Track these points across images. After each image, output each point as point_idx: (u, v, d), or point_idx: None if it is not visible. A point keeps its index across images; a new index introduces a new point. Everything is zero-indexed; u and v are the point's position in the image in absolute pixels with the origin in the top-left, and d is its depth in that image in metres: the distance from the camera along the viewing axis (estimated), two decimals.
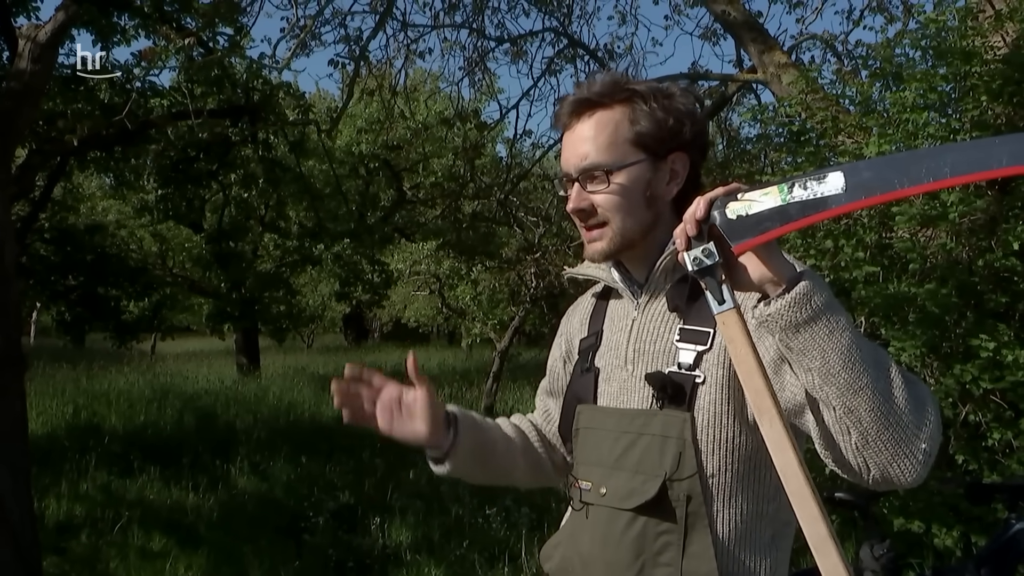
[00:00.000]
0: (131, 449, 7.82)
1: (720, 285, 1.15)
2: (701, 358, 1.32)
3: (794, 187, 1.11)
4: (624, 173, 1.37)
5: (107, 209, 16.33)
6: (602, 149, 1.37)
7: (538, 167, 10.96)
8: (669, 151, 1.39)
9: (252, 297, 15.25)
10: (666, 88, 1.43)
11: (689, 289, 1.36)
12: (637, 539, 1.31)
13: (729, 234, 1.14)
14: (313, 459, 7.88)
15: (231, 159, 10.72)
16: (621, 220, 1.38)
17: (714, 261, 1.15)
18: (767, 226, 1.12)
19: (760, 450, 1.30)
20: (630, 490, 1.32)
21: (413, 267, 16.02)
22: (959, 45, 4.05)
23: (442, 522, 6.03)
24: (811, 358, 1.12)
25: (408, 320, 25.47)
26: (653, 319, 1.41)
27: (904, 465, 1.13)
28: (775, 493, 1.33)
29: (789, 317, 1.11)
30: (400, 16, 8.49)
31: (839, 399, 1.11)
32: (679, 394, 1.31)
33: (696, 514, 1.29)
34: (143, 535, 5.67)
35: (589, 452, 1.43)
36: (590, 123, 1.38)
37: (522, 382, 14.45)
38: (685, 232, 1.17)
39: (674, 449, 1.30)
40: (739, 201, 1.14)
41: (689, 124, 1.41)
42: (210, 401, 11.44)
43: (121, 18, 7.47)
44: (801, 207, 1.11)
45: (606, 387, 1.44)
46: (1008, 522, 2.93)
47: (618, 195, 1.37)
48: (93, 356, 17.08)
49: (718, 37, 8.97)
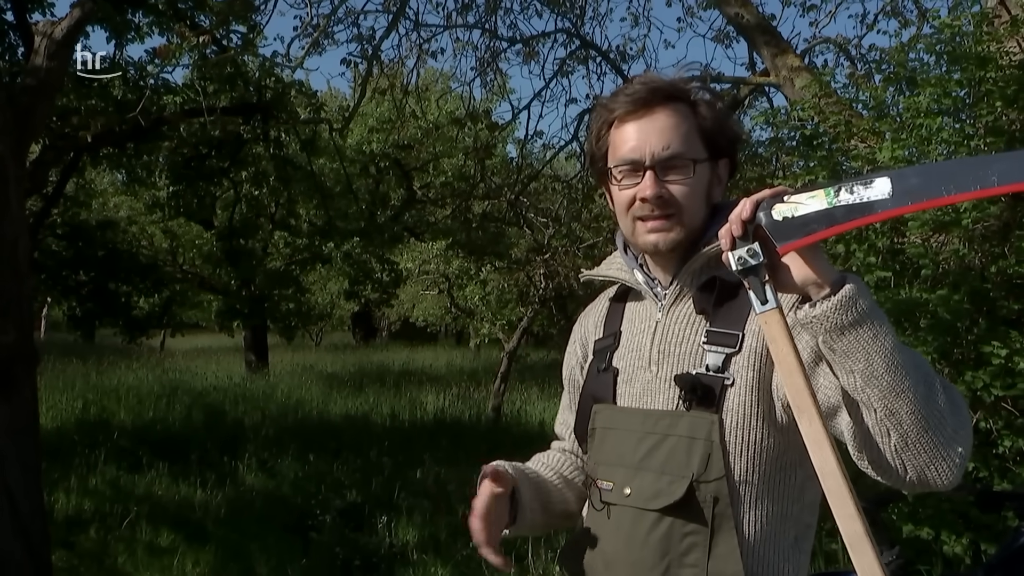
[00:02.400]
0: (140, 445, 7.86)
1: (763, 285, 1.17)
2: (730, 360, 1.33)
3: (840, 191, 1.12)
4: (701, 167, 1.39)
5: (119, 205, 16.39)
6: (685, 140, 1.37)
7: (548, 168, 10.96)
8: (722, 155, 1.43)
9: (261, 294, 15.29)
10: (717, 92, 1.47)
11: (716, 292, 1.37)
12: (663, 540, 1.31)
13: (775, 235, 1.15)
14: (321, 457, 7.89)
15: (243, 157, 10.76)
16: (692, 213, 1.39)
17: (759, 261, 1.16)
18: (813, 228, 1.13)
19: (787, 452, 1.32)
20: (656, 491, 1.32)
21: (422, 266, 16.02)
22: (974, 50, 4.03)
23: (449, 522, 6.03)
24: (855, 360, 1.13)
25: (416, 319, 25.48)
26: (678, 321, 1.41)
27: (941, 467, 1.15)
28: (799, 495, 1.35)
29: (835, 319, 1.12)
30: (413, 16, 8.50)
31: (881, 401, 1.12)
32: (708, 396, 1.32)
33: (723, 515, 1.29)
34: (151, 531, 5.69)
35: (609, 452, 1.43)
36: (669, 112, 1.38)
37: (530, 383, 14.46)
38: (730, 232, 1.18)
39: (702, 450, 1.30)
40: (785, 203, 1.16)
41: (733, 131, 1.45)
42: (219, 398, 11.48)
43: (136, 15, 7.53)
44: (847, 211, 1.12)
45: (627, 388, 1.44)
46: (1018, 531, 2.91)
47: (695, 187, 1.38)
48: (103, 351, 17.18)
49: (731, 40, 8.96)
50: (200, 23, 7.58)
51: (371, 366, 18.46)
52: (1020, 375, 3.59)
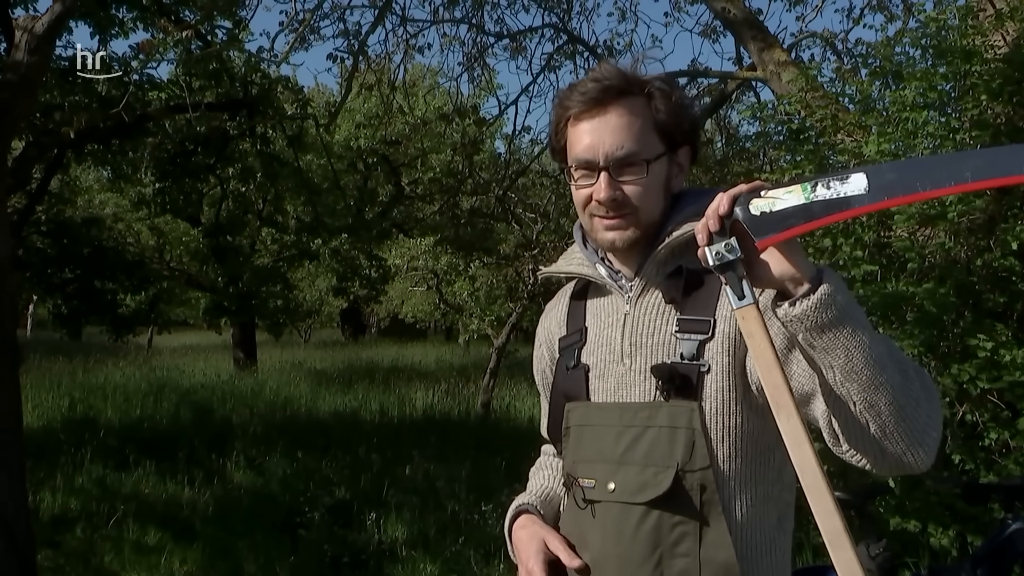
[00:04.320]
0: (127, 443, 7.81)
1: (740, 280, 1.17)
2: (704, 347, 1.33)
3: (817, 186, 1.13)
4: (656, 164, 1.37)
5: (104, 202, 16.27)
6: (638, 138, 1.36)
7: (536, 163, 10.95)
8: (680, 144, 1.41)
9: (249, 291, 15.23)
10: (671, 82, 1.43)
11: (684, 281, 1.36)
12: (653, 532, 1.31)
13: (753, 230, 1.15)
14: (309, 454, 7.87)
15: (229, 153, 10.70)
16: (649, 211, 1.38)
17: (736, 256, 1.16)
18: (791, 223, 1.14)
19: (765, 433, 1.32)
20: (641, 483, 1.32)
21: (411, 263, 16.00)
22: (959, 44, 4.04)
23: (438, 518, 6.03)
24: (834, 356, 1.13)
25: (405, 316, 25.43)
26: (647, 312, 1.40)
27: (918, 452, 1.18)
28: (778, 475, 1.37)
29: (815, 318, 1.12)
30: (399, 11, 8.47)
31: (860, 395, 1.14)
32: (686, 384, 1.32)
33: (711, 502, 1.30)
34: (138, 529, 5.66)
35: (587, 449, 1.42)
36: (621, 111, 1.36)
37: (519, 378, 14.44)
38: (707, 227, 1.17)
39: (684, 439, 1.30)
40: (762, 198, 1.16)
41: (691, 119, 1.43)
42: (206, 395, 11.43)
43: (119, 10, 7.46)
44: (824, 206, 1.13)
45: (600, 383, 1.42)
46: (1004, 522, 2.92)
47: (650, 185, 1.37)
48: (89, 349, 17.07)
49: (718, 34, 8.95)
50: (185, 18, 7.52)
51: (360, 363, 18.42)
52: (1006, 368, 3.60)
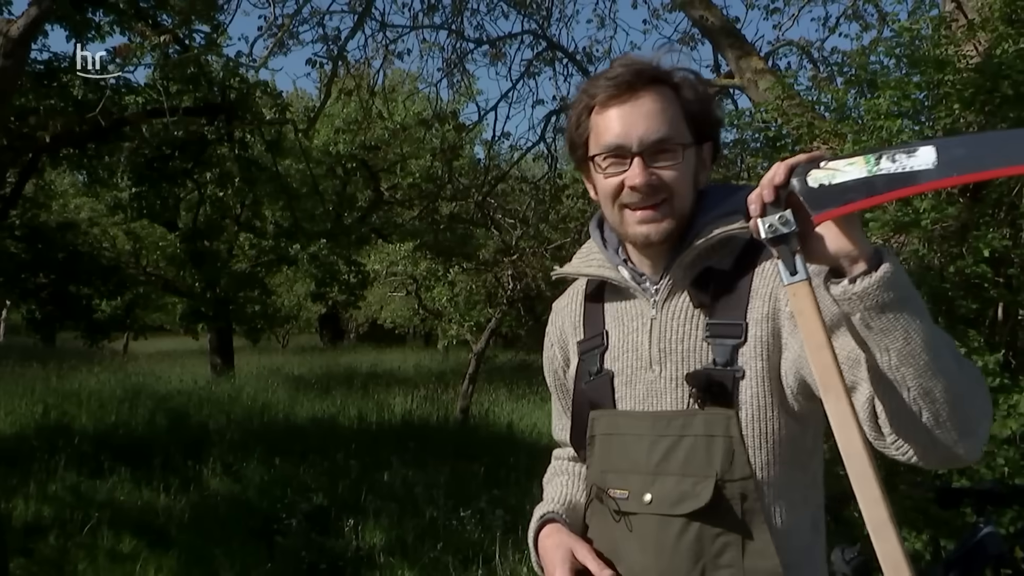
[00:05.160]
0: (101, 450, 7.73)
1: (794, 255, 1.11)
2: (736, 352, 1.29)
3: (882, 159, 1.07)
4: (689, 151, 1.33)
5: (80, 207, 16.12)
6: (671, 124, 1.31)
7: (516, 169, 10.96)
8: (706, 139, 1.38)
9: (227, 297, 15.13)
10: (696, 74, 1.39)
11: (713, 284, 1.33)
12: (694, 544, 1.27)
13: (810, 203, 1.10)
14: (287, 460, 7.82)
15: (207, 158, 10.66)
16: (684, 199, 1.33)
17: (791, 230, 1.11)
18: (851, 197, 1.08)
19: (802, 439, 1.30)
20: (680, 494, 1.28)
21: (390, 268, 15.97)
22: (932, 54, 4.09)
23: (416, 524, 6.01)
24: (893, 339, 1.08)
25: (384, 321, 25.38)
26: (675, 317, 1.35)
27: (969, 443, 1.13)
28: (813, 479, 1.35)
29: (877, 297, 1.07)
30: (379, 16, 8.45)
31: (916, 380, 1.09)
32: (722, 391, 1.28)
33: (752, 511, 1.26)
34: (112, 537, 5.60)
35: (618, 459, 1.37)
36: (654, 96, 1.32)
37: (498, 384, 14.45)
38: (761, 198, 1.12)
39: (722, 447, 1.26)
40: (822, 169, 1.10)
41: (715, 112, 1.41)
42: (183, 401, 11.34)
43: (96, 14, 7.41)
44: (888, 180, 1.07)
45: (628, 390, 1.38)
46: (976, 526, 2.96)
47: (685, 173, 1.33)
48: (64, 355, 16.88)
49: (696, 42, 8.97)
50: (162, 22, 7.48)
51: (338, 368, 18.34)
52: None
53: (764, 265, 1.32)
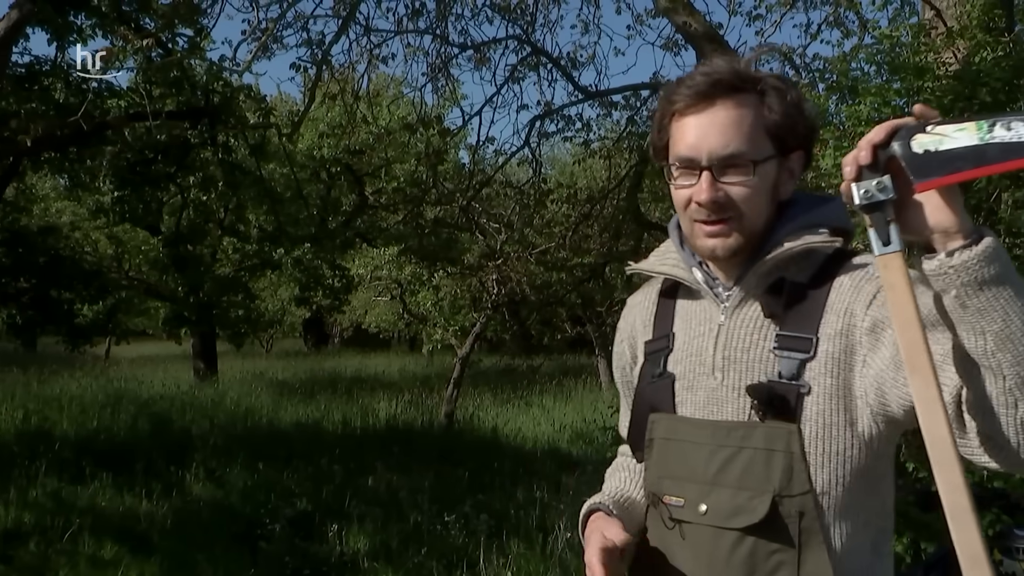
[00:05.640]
0: (83, 455, 7.67)
1: (888, 224, 1.04)
2: (804, 367, 1.24)
3: (996, 126, 0.98)
4: (764, 166, 1.27)
5: (61, 211, 16.02)
6: (747, 138, 1.26)
7: (501, 174, 10.98)
8: (793, 148, 1.31)
9: (210, 301, 15.06)
10: (785, 80, 1.33)
11: (786, 294, 1.28)
12: (747, 559, 1.23)
13: (912, 169, 1.01)
14: (270, 465, 7.79)
15: (190, 161, 10.59)
16: (755, 216, 1.28)
17: (888, 197, 1.04)
18: (959, 166, 0.99)
19: (874, 464, 1.25)
20: (735, 508, 1.24)
21: (374, 272, 15.95)
22: (912, 61, 4.14)
23: (400, 529, 6.00)
24: (990, 320, 1.01)
25: (369, 326, 25.30)
26: (744, 325, 1.31)
27: None
28: (881, 504, 1.30)
29: (977, 272, 1.00)
30: (363, 21, 8.45)
31: (1013, 367, 1.02)
32: (784, 406, 1.23)
33: (809, 530, 1.21)
34: (94, 543, 5.56)
35: (676, 466, 1.34)
36: (730, 107, 1.26)
37: (483, 389, 14.46)
38: (857, 160, 1.06)
39: (781, 463, 1.22)
40: (928, 134, 1.02)
41: (807, 121, 1.32)
42: (165, 406, 11.26)
43: (78, 17, 7.37)
44: (1002, 149, 0.97)
45: (688, 395, 1.35)
46: None
47: (758, 189, 1.27)
48: (45, 360, 16.75)
49: (679, 48, 9.03)
50: (145, 26, 7.45)
51: (323, 373, 18.28)
52: None
53: (842, 279, 1.27)
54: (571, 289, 11.98)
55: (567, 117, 9.17)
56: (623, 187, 8.82)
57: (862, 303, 1.21)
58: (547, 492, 6.66)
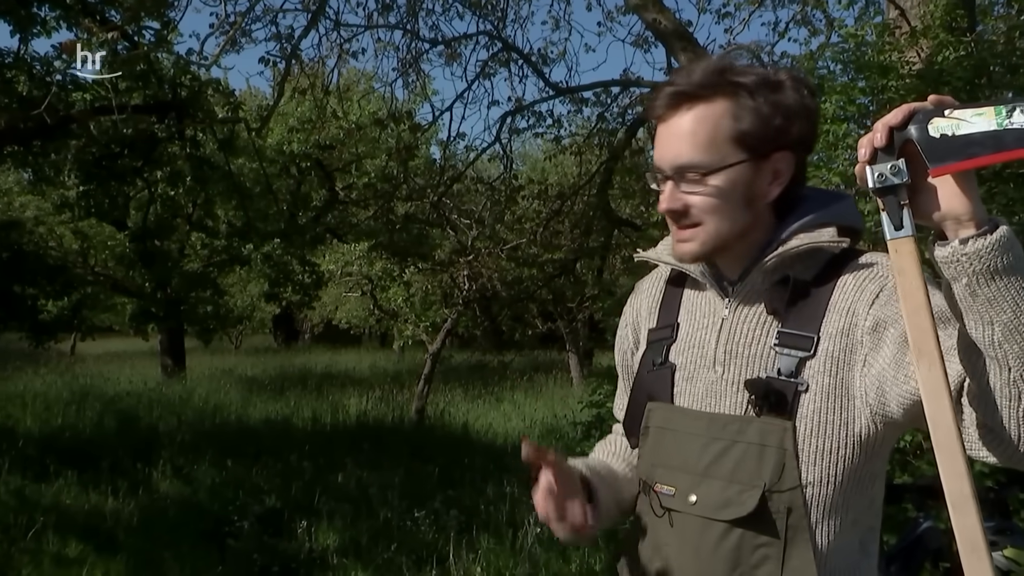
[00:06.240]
0: (47, 453, 7.57)
1: (902, 209, 1.04)
2: (803, 364, 1.24)
3: (1015, 112, 0.97)
4: (722, 175, 1.26)
5: (25, 205, 15.76)
6: (700, 147, 1.26)
7: (472, 170, 10.97)
8: (774, 149, 1.28)
9: (178, 297, 14.90)
10: (776, 79, 1.30)
11: (790, 292, 1.28)
12: (733, 552, 1.24)
13: (928, 154, 1.00)
14: (239, 462, 7.73)
15: (157, 156, 10.45)
16: (716, 223, 1.28)
17: (902, 181, 1.03)
18: (975, 151, 0.98)
19: (867, 464, 1.25)
20: (725, 500, 1.25)
21: (345, 268, 15.87)
22: (877, 60, 4.20)
23: (370, 525, 5.98)
24: (1000, 310, 1.00)
25: (340, 322, 25.20)
26: (747, 320, 1.32)
27: None
28: (870, 502, 1.29)
29: (990, 261, 0.99)
30: (333, 15, 8.41)
31: (1019, 359, 1.01)
32: (780, 402, 1.23)
33: (797, 527, 1.22)
34: (58, 541, 5.49)
35: (669, 455, 1.35)
36: (688, 117, 1.27)
37: (454, 384, 14.45)
38: (872, 142, 1.05)
39: (774, 458, 1.23)
40: (945, 118, 1.00)
41: (798, 120, 1.29)
42: (132, 403, 11.15)
43: (41, 9, 7.25)
44: (1019, 136, 0.96)
45: (687, 386, 1.36)
46: (916, 521, 3.04)
47: (714, 197, 1.27)
48: (8, 356, 16.52)
49: (649, 45, 9.10)
50: (111, 18, 7.35)
51: (293, 369, 18.18)
52: None
53: (846, 278, 1.27)
54: (542, 285, 12.00)
55: (538, 113, 9.18)
56: (594, 183, 8.85)
57: (865, 302, 1.22)
58: (517, 487, 6.67)
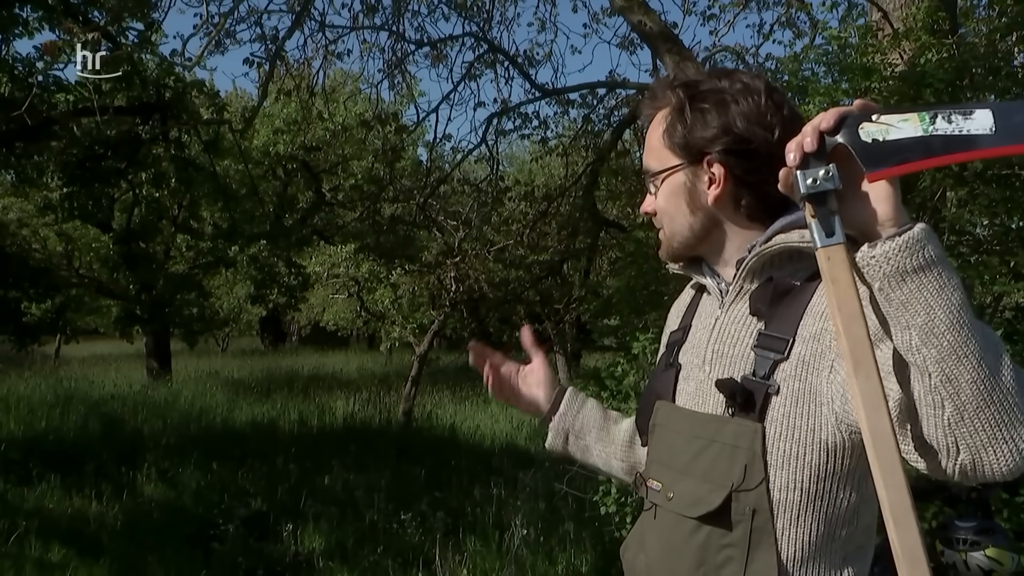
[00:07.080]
0: (30, 456, 7.52)
1: (833, 215, 1.02)
2: (776, 367, 1.23)
3: (937, 118, 0.98)
4: (668, 179, 1.34)
5: (8, 207, 15.64)
6: (652, 154, 1.37)
7: (458, 171, 10.96)
8: (703, 155, 1.29)
9: (163, 299, 14.81)
10: (716, 86, 1.29)
11: (773, 291, 1.27)
12: (700, 549, 1.26)
13: (863, 158, 0.99)
14: (225, 465, 7.70)
15: (142, 157, 10.38)
16: (669, 225, 1.37)
17: (834, 187, 1.01)
18: (907, 156, 0.98)
19: (835, 475, 1.22)
20: (697, 498, 1.27)
21: (331, 270, 15.82)
22: (860, 61, 4.22)
23: (356, 528, 5.97)
24: (913, 313, 0.99)
25: (327, 323, 25.11)
26: (735, 321, 1.34)
27: (1001, 450, 0.99)
28: (851, 517, 1.25)
29: (898, 262, 0.98)
30: (318, 16, 8.39)
31: (938, 364, 0.98)
32: (749, 403, 1.23)
33: (761, 530, 1.21)
34: (41, 545, 5.45)
35: (662, 451, 1.39)
36: (655, 124, 1.37)
37: (441, 386, 14.43)
38: (802, 147, 1.03)
39: (743, 460, 1.23)
40: (874, 123, 1.00)
41: (749, 126, 1.26)
42: (117, 406, 11.08)
43: (23, 9, 7.19)
44: (945, 142, 0.98)
45: (684, 385, 1.39)
46: None
47: (664, 201, 1.36)
48: None
49: (635, 47, 9.11)
50: (93, 19, 7.29)
51: (279, 371, 18.12)
52: None
53: None
54: (529, 286, 12.01)
55: (524, 115, 9.19)
56: (580, 185, 8.86)
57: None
58: (504, 489, 6.67)
